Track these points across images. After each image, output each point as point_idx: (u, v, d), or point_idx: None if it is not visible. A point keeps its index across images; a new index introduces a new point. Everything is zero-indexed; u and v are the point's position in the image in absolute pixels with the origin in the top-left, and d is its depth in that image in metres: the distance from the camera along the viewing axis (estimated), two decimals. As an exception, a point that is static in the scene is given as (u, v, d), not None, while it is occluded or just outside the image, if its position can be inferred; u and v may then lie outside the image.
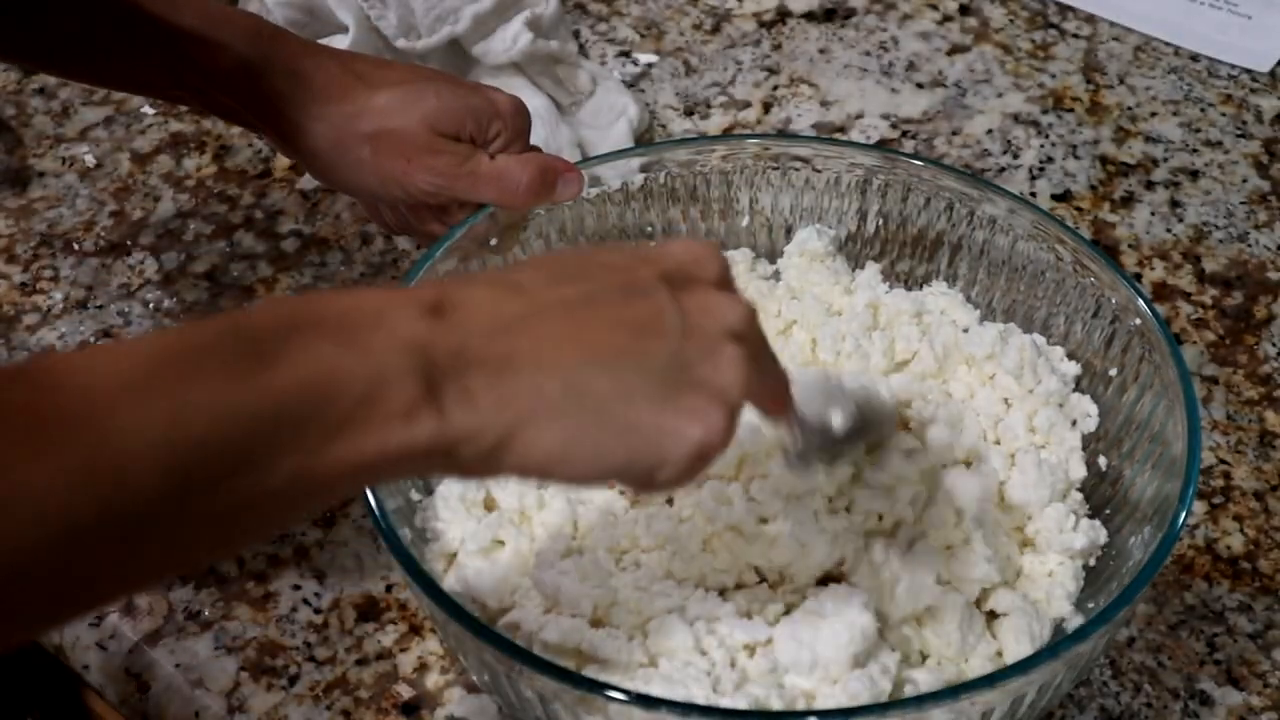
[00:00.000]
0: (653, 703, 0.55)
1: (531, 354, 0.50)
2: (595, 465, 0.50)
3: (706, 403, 0.51)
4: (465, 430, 0.48)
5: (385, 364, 0.47)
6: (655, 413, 0.50)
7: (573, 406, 0.50)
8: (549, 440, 0.49)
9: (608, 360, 0.50)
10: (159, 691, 0.69)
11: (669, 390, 0.51)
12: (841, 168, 0.77)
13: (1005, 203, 0.74)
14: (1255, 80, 1.03)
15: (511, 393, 0.49)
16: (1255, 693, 0.69)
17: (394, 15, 0.93)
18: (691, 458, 0.51)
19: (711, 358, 0.52)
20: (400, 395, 0.47)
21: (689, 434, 0.50)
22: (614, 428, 0.50)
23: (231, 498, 0.45)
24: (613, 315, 0.52)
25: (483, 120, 0.74)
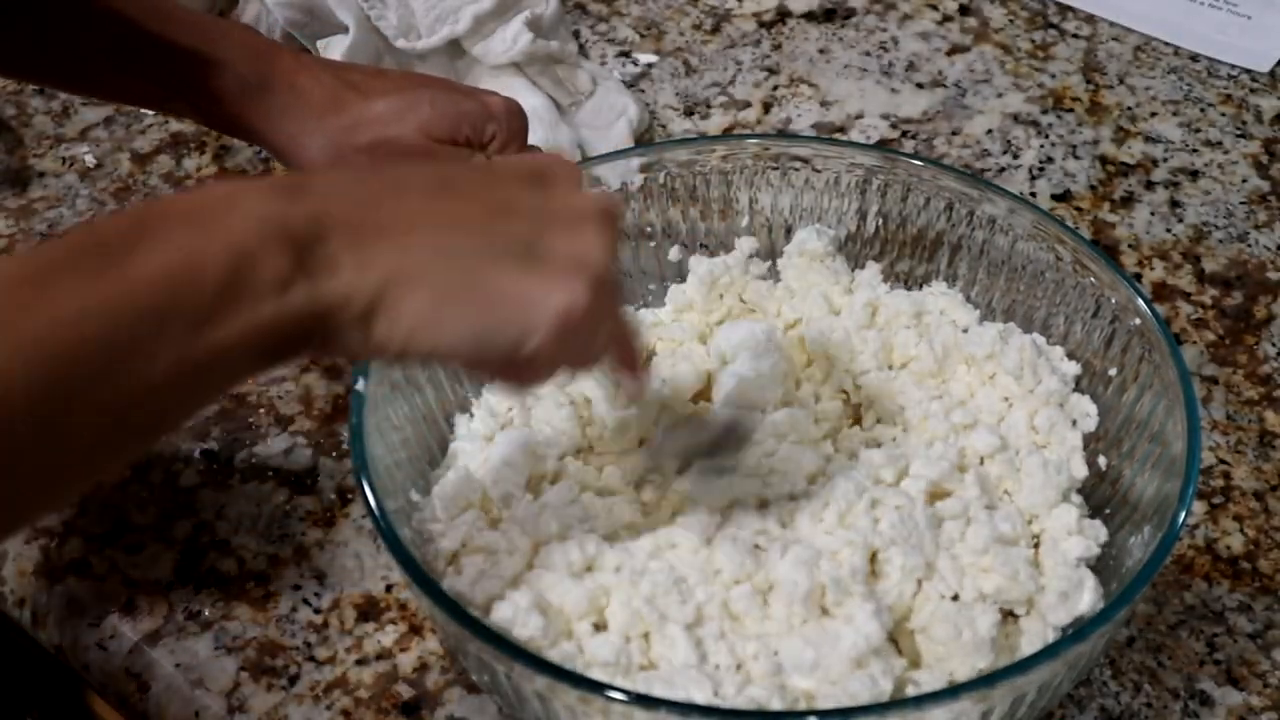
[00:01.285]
0: (652, 703, 0.55)
1: (392, 221, 0.51)
2: (462, 331, 0.51)
3: (564, 270, 0.52)
4: (336, 295, 0.49)
5: (245, 241, 0.48)
6: (517, 279, 0.51)
7: (439, 269, 0.50)
8: (417, 302, 0.50)
9: (470, 229, 0.51)
10: (159, 691, 0.69)
11: (530, 261, 0.51)
12: (841, 168, 0.77)
13: (1005, 203, 0.74)
14: (1255, 80, 1.03)
15: (376, 255, 0.49)
16: (1255, 693, 0.69)
17: (394, 15, 0.93)
18: (555, 323, 0.51)
19: (571, 232, 0.53)
20: (267, 267, 0.48)
21: (552, 299, 0.51)
22: (479, 293, 0.51)
23: (114, 398, 0.46)
24: (472, 195, 0.53)
25: (478, 123, 0.74)
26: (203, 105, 0.75)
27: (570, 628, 0.62)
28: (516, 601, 0.61)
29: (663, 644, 0.61)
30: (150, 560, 0.73)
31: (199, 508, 0.76)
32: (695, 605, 0.62)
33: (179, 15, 0.75)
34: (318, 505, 0.76)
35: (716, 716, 0.57)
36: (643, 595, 0.62)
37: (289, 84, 0.74)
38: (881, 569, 0.64)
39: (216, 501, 0.76)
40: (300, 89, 0.74)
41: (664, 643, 0.61)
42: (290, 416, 0.80)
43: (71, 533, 0.75)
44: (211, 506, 0.76)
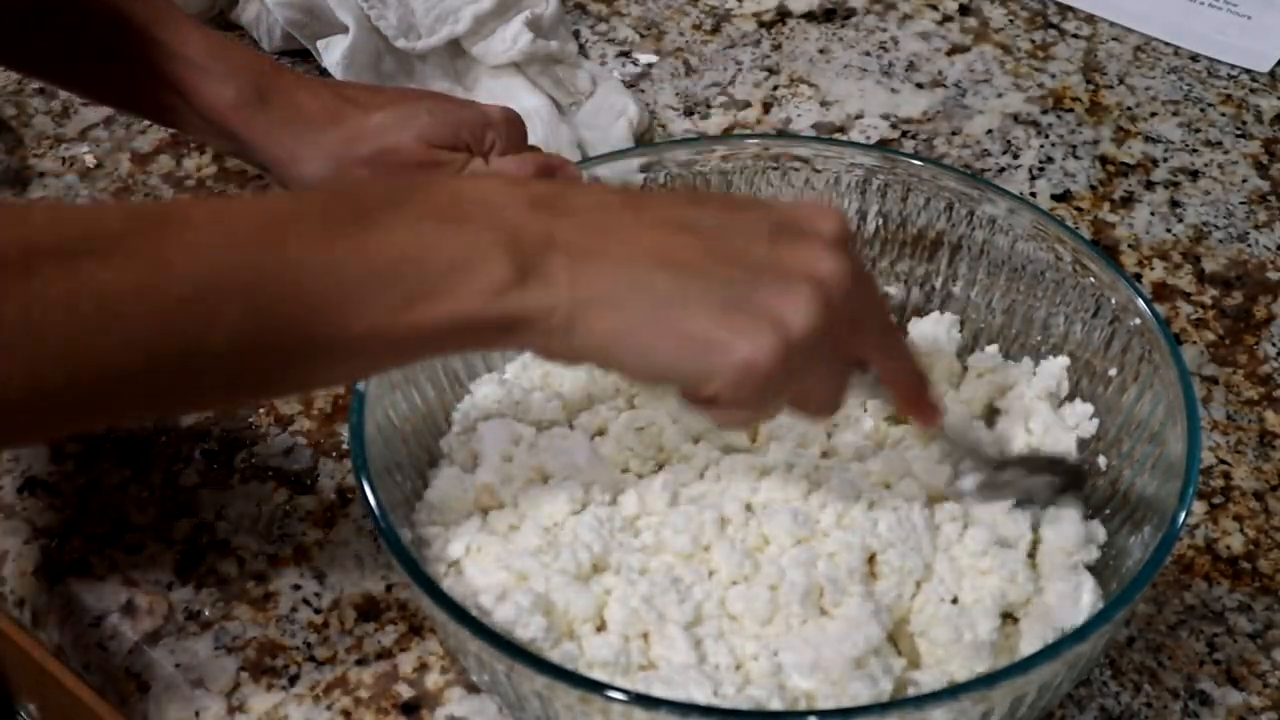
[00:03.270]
0: (652, 702, 0.55)
1: (614, 251, 0.54)
2: (644, 361, 0.54)
3: (759, 325, 0.53)
4: (538, 307, 0.53)
5: (480, 244, 0.52)
6: (707, 324, 0.53)
7: (633, 300, 0.53)
8: (605, 326, 0.53)
9: (680, 270, 0.54)
10: (159, 691, 0.69)
11: (728, 308, 0.53)
12: (841, 168, 0.77)
13: (1005, 203, 0.74)
14: (1255, 80, 1.03)
15: (585, 278, 0.53)
16: (1255, 693, 0.69)
17: (394, 15, 0.93)
18: (736, 374, 0.53)
19: (780, 290, 0.54)
20: (489, 274, 0.52)
21: (735, 349, 0.53)
22: (665, 329, 0.53)
23: (306, 344, 0.51)
24: (704, 238, 0.55)
25: (477, 131, 0.75)
26: (202, 116, 0.75)
27: (572, 629, 0.62)
28: (518, 602, 0.61)
29: (662, 644, 0.61)
30: (150, 560, 0.73)
31: (199, 508, 0.76)
32: (694, 605, 0.62)
33: (187, 26, 0.75)
34: (318, 505, 0.76)
35: (716, 716, 0.57)
36: (641, 595, 0.62)
37: (287, 99, 0.75)
38: (879, 570, 0.64)
39: (216, 501, 0.76)
40: (299, 104, 0.75)
41: (663, 643, 0.61)
42: (290, 416, 0.80)
43: (71, 533, 0.75)
44: (211, 506, 0.76)
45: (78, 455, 0.78)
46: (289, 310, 0.50)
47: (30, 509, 0.76)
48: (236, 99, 0.74)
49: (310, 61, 1.00)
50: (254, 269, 0.50)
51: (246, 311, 0.50)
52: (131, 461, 0.78)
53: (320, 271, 0.51)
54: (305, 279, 0.50)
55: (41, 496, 0.76)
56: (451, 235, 0.52)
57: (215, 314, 0.49)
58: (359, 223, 0.52)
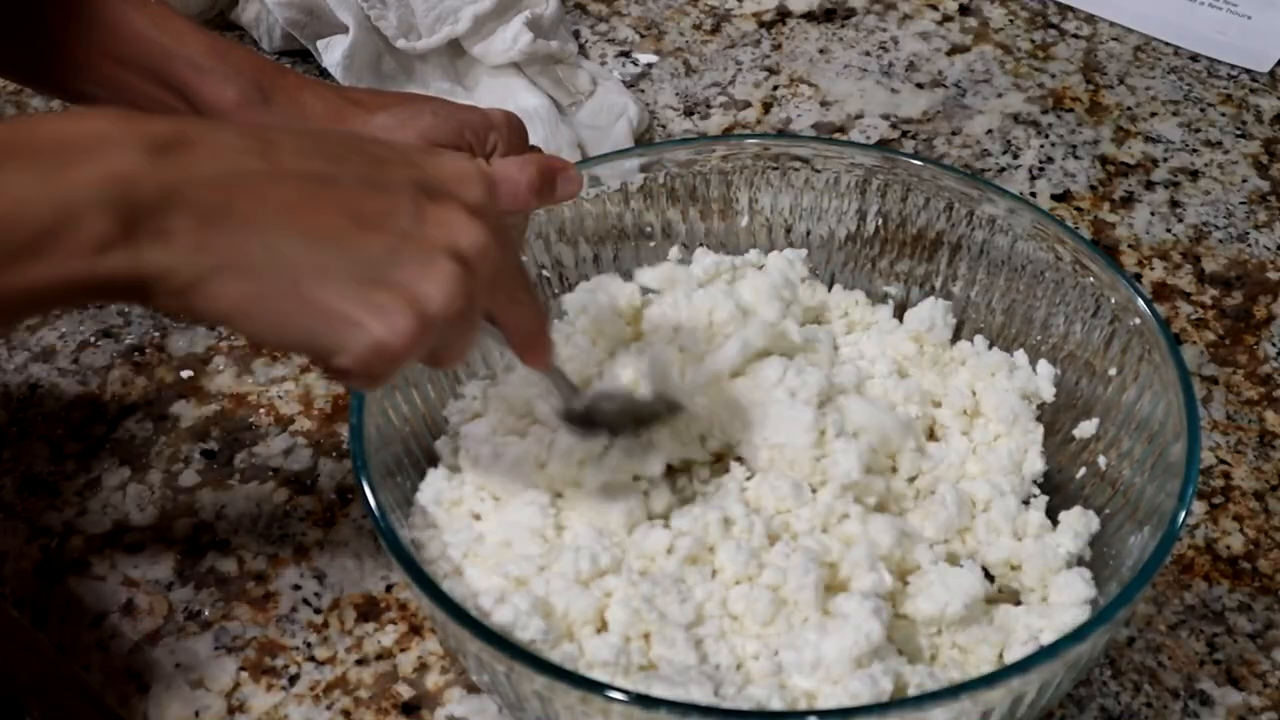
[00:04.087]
0: (652, 703, 0.55)
1: (246, 211, 0.51)
2: (274, 331, 0.52)
3: (396, 304, 0.52)
4: (155, 269, 0.49)
5: (80, 198, 0.48)
6: (342, 299, 0.51)
7: (266, 270, 0.51)
8: (234, 294, 0.51)
9: (318, 238, 0.52)
10: (159, 691, 0.69)
11: (365, 283, 0.52)
12: (841, 168, 0.77)
13: (1005, 202, 0.74)
14: (1255, 80, 1.03)
15: (211, 241, 0.50)
16: (1255, 693, 0.69)
17: (394, 15, 0.93)
18: (369, 352, 0.52)
19: (421, 264, 0.53)
20: (89, 230, 0.48)
21: (369, 328, 0.51)
22: (298, 302, 0.51)
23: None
24: (344, 200, 0.53)
25: (480, 132, 0.75)
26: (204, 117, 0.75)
27: (572, 631, 0.62)
28: (517, 604, 0.61)
29: (663, 644, 0.61)
30: (150, 560, 0.73)
31: (199, 508, 0.76)
32: (695, 605, 0.62)
33: (188, 29, 0.75)
34: (318, 505, 0.76)
35: (716, 716, 0.57)
36: (642, 595, 0.62)
37: (291, 99, 0.74)
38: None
39: (216, 501, 0.76)
40: (303, 104, 0.75)
41: (664, 643, 0.61)
42: (290, 416, 0.80)
43: (71, 533, 0.75)
44: (211, 506, 0.76)
45: (78, 455, 0.78)
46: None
47: (30, 509, 0.76)
48: (239, 98, 0.74)
49: (310, 61, 1.00)
50: None
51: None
52: (131, 461, 0.78)
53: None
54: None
55: (41, 496, 0.76)
56: (49, 188, 0.48)
57: None
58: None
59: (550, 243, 0.77)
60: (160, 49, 0.74)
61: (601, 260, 0.79)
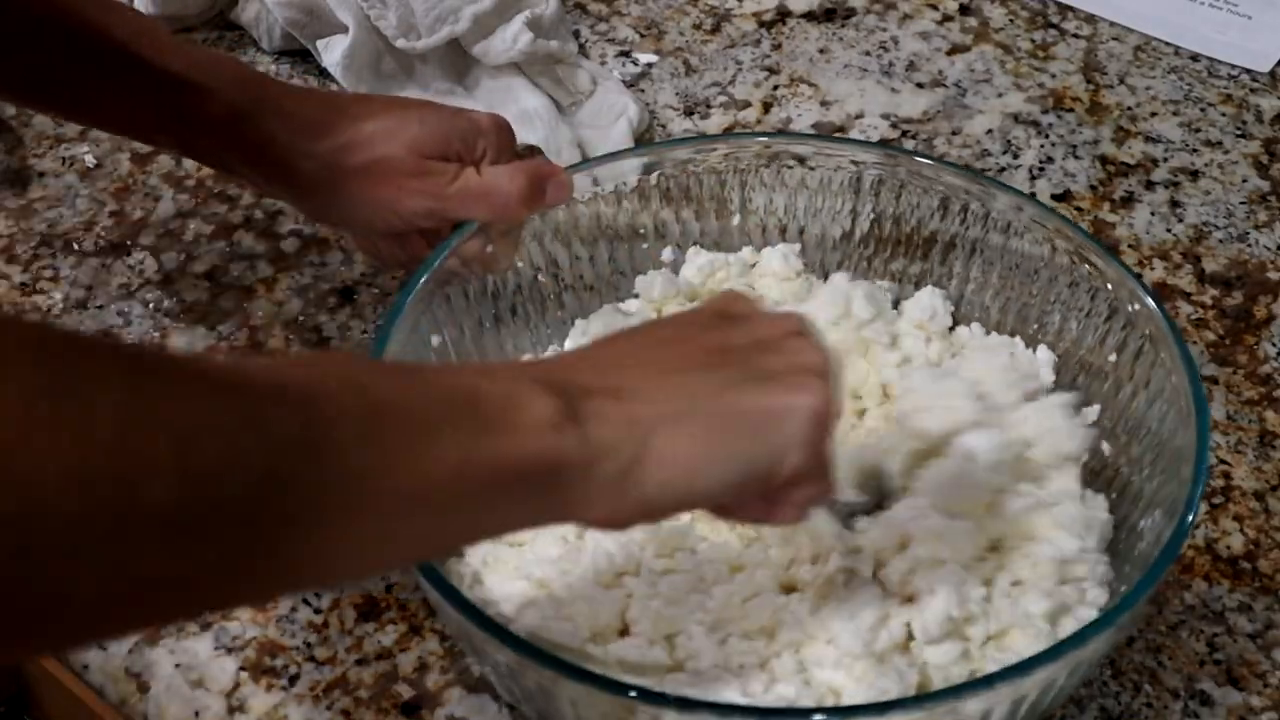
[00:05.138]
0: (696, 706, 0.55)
1: (638, 380, 0.53)
2: (729, 463, 0.53)
3: (796, 378, 0.54)
4: (601, 444, 0.50)
5: (520, 387, 0.50)
6: (763, 397, 0.53)
7: (690, 409, 0.52)
8: (682, 444, 0.52)
9: (702, 369, 0.54)
10: (159, 691, 0.69)
11: (761, 380, 0.54)
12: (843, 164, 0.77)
13: (1008, 199, 0.74)
14: (1255, 80, 1.03)
15: (636, 410, 0.52)
16: (1255, 693, 0.69)
17: (394, 15, 0.93)
18: (810, 426, 0.53)
19: (782, 350, 0.56)
20: (539, 407, 0.49)
21: (800, 403, 0.53)
22: (732, 419, 0.53)
23: (402, 484, 0.45)
24: (685, 341, 0.56)
25: (469, 139, 0.74)
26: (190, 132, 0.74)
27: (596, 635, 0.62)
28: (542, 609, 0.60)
29: (688, 645, 0.61)
30: (150, 560, 0.73)
31: (199, 508, 0.76)
32: (717, 604, 0.62)
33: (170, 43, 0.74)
34: (318, 505, 0.76)
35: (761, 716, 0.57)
36: (664, 597, 0.62)
37: (277, 109, 0.74)
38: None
39: (216, 501, 0.76)
40: (289, 113, 0.74)
41: (689, 644, 0.61)
42: (290, 416, 0.80)
43: (71, 533, 0.75)
44: (211, 506, 0.76)
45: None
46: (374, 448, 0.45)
47: (30, 509, 0.76)
48: (225, 113, 0.72)
49: (310, 61, 1.00)
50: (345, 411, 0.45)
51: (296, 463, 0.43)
52: (131, 461, 0.78)
53: (401, 404, 0.47)
54: (395, 410, 0.46)
55: (41, 496, 0.76)
56: (494, 383, 0.50)
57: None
58: (407, 376, 0.50)
59: (545, 243, 0.77)
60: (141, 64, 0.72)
61: (596, 260, 0.79)
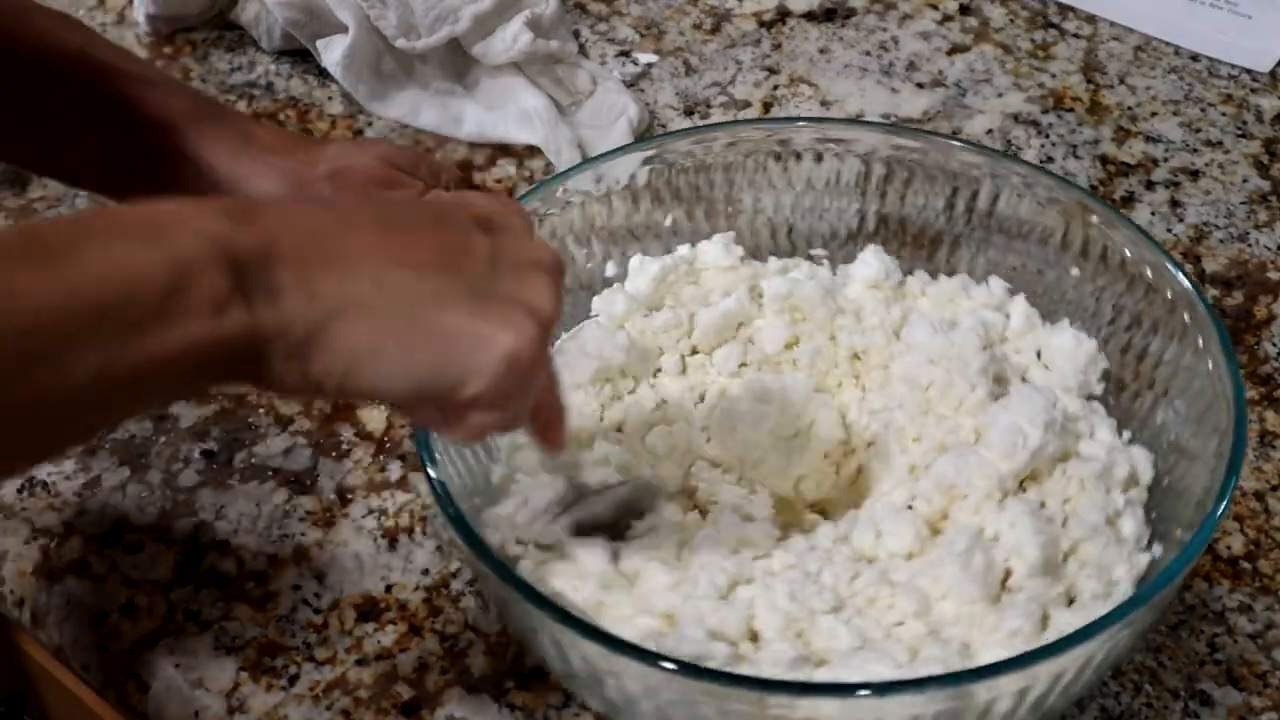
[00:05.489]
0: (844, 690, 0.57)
1: (341, 254, 0.50)
2: (403, 368, 0.50)
3: (518, 314, 0.51)
4: (274, 324, 0.48)
5: (189, 256, 0.47)
6: (465, 319, 0.50)
7: (383, 304, 0.49)
8: (358, 336, 0.49)
9: (418, 268, 0.51)
10: (159, 691, 0.69)
11: (479, 301, 0.51)
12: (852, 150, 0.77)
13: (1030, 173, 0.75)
14: (1255, 80, 1.03)
15: (320, 289, 0.49)
16: (1255, 693, 0.69)
17: (394, 15, 0.93)
18: (502, 365, 0.51)
19: (521, 279, 0.53)
20: (207, 286, 0.47)
21: (500, 340, 0.50)
22: (424, 329, 0.50)
23: (28, 397, 0.45)
24: (424, 237, 0.52)
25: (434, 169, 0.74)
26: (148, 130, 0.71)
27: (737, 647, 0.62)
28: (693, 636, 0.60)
29: (820, 636, 0.61)
30: (150, 560, 0.73)
31: (199, 508, 0.76)
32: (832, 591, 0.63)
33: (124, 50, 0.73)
34: (318, 505, 0.76)
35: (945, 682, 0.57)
36: (785, 594, 0.62)
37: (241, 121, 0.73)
38: None
39: (216, 501, 0.76)
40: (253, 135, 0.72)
41: (820, 635, 0.61)
42: (290, 416, 0.80)
43: (71, 533, 0.75)
44: (211, 506, 0.76)
45: (78, 455, 0.78)
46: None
47: (30, 509, 0.76)
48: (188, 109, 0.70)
49: (310, 61, 1.00)
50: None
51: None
52: (131, 461, 0.78)
53: (21, 311, 0.44)
54: (8, 320, 0.44)
55: (41, 496, 0.76)
56: (156, 252, 0.46)
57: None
58: (54, 255, 0.45)
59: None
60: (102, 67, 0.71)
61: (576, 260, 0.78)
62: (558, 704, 0.67)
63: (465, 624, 0.71)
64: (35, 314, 0.44)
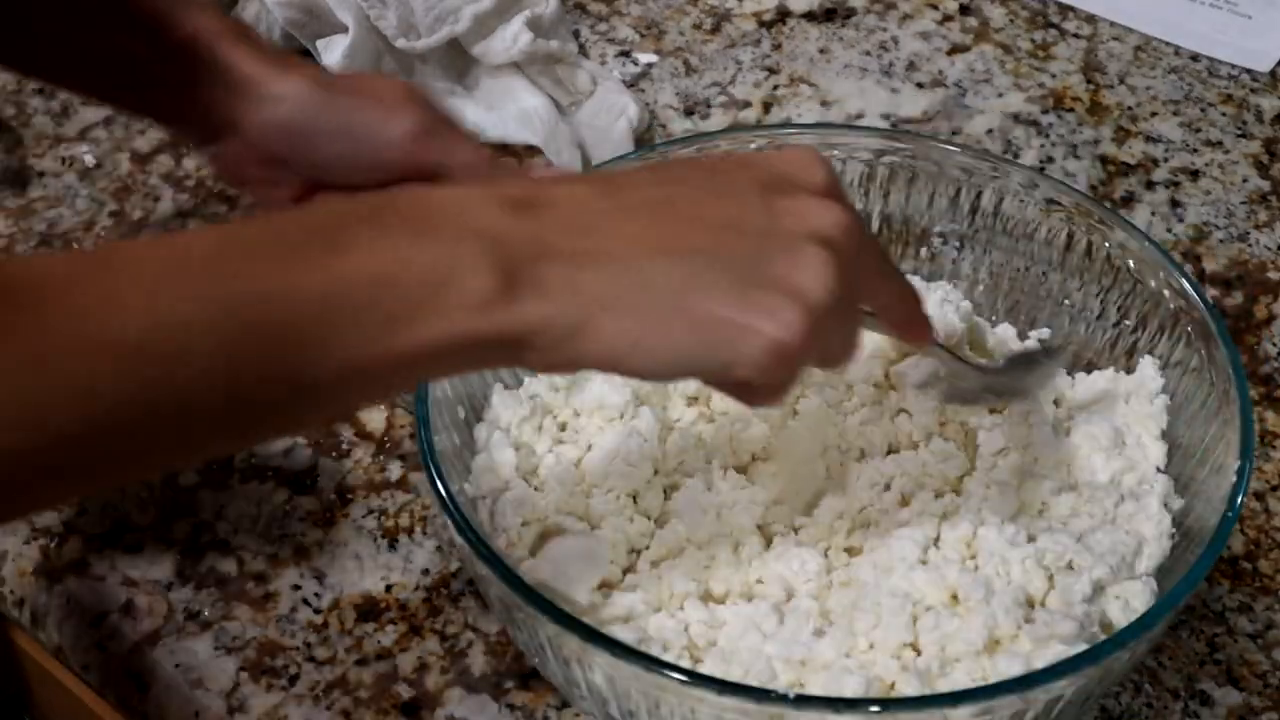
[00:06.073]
0: None
1: (608, 249, 0.50)
2: (667, 357, 0.50)
3: (781, 300, 0.50)
4: (537, 319, 0.49)
5: (458, 253, 0.48)
6: (727, 306, 0.50)
7: (645, 298, 0.50)
8: (621, 330, 0.50)
9: (683, 254, 0.51)
10: (159, 691, 0.69)
11: (744, 286, 0.50)
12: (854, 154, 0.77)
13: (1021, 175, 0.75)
14: (1255, 80, 1.03)
15: (585, 283, 0.49)
16: (1255, 693, 0.69)
17: (394, 15, 0.93)
18: (767, 355, 0.50)
19: (791, 256, 0.51)
20: (473, 285, 0.48)
21: (763, 329, 0.50)
22: (685, 319, 0.50)
23: (285, 383, 0.47)
24: (695, 213, 0.52)
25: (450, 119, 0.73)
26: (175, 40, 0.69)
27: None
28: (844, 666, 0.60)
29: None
30: (150, 560, 0.73)
31: (199, 508, 0.76)
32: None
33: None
34: (318, 505, 0.76)
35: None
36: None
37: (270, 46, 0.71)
38: None
39: (216, 501, 0.76)
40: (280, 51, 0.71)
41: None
42: (290, 416, 0.80)
43: (71, 533, 0.75)
44: (211, 506, 0.76)
45: (77, 455, 0.78)
46: (260, 347, 0.46)
47: (30, 509, 0.76)
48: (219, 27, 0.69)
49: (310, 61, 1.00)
50: (218, 305, 0.46)
51: (214, 352, 0.45)
52: (131, 461, 0.78)
53: (289, 301, 0.46)
54: (274, 311, 0.46)
55: (41, 496, 0.76)
56: (425, 249, 0.48)
57: (180, 357, 0.45)
58: (323, 245, 0.48)
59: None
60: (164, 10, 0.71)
61: None
62: (557, 704, 0.67)
63: (465, 624, 0.71)
64: (304, 308, 0.46)
